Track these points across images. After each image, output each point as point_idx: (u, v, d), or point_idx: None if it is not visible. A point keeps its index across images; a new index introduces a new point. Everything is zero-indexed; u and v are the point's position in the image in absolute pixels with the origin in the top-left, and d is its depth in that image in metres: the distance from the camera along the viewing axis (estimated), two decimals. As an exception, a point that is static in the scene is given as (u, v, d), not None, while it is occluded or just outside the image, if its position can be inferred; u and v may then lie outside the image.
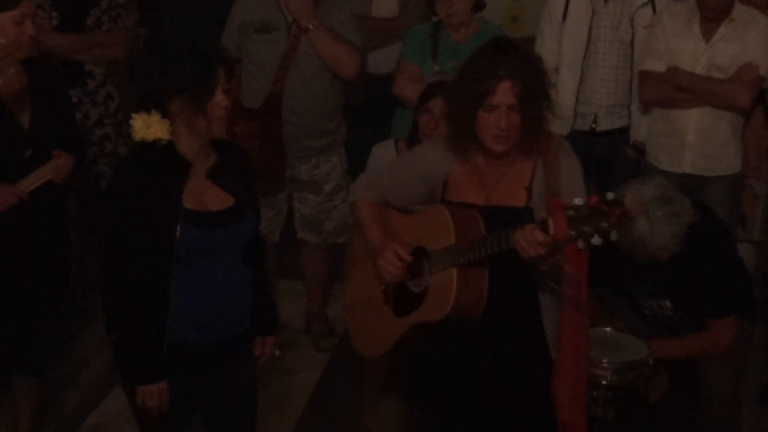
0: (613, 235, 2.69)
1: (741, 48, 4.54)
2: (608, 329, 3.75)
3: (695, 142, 4.64)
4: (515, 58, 3.04)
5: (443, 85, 4.44)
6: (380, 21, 5.39)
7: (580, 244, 2.75)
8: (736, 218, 4.77)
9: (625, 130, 4.93)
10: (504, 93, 3.02)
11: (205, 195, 3.17)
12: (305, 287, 5.22)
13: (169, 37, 5.08)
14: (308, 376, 4.85)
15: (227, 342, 3.27)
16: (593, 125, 4.92)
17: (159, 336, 3.14)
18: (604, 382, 3.53)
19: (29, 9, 3.77)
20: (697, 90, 4.57)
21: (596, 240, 2.71)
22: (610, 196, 2.70)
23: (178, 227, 3.07)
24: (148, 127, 3.07)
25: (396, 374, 4.05)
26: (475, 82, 3.06)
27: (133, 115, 3.09)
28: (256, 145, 4.61)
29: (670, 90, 4.61)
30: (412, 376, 3.46)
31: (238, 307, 3.27)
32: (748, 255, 4.67)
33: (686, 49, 4.59)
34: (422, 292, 3.20)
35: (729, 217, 4.51)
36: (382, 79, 5.23)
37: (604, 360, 3.53)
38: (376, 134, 5.05)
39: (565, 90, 4.89)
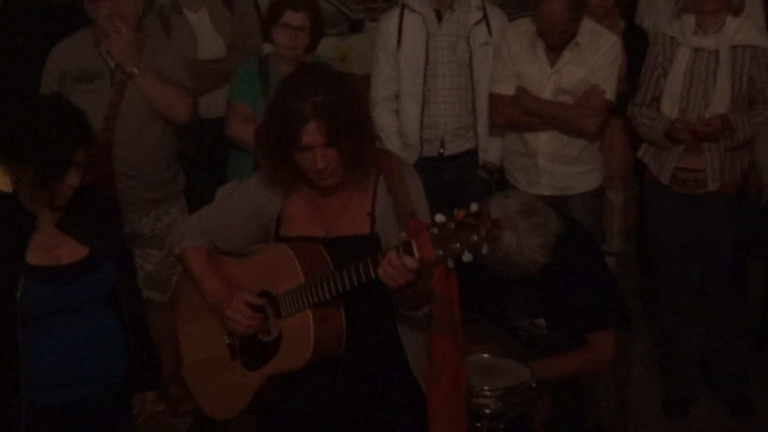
0: (484, 249, 2.53)
1: (587, 71, 4.52)
2: (485, 355, 3.58)
3: (548, 165, 4.60)
4: (319, 91, 2.81)
5: None
6: (208, 63, 5.17)
7: (450, 263, 2.56)
8: (599, 231, 4.72)
9: (473, 152, 4.83)
10: (312, 134, 2.81)
11: (55, 248, 2.96)
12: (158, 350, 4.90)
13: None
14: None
15: (96, 400, 3.04)
16: (441, 150, 4.79)
17: (14, 399, 2.91)
18: (487, 411, 3.35)
19: None
20: (544, 115, 4.53)
21: (467, 256, 2.53)
22: (474, 207, 2.53)
23: (20, 286, 2.86)
24: None
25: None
26: (282, 127, 2.85)
27: None
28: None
29: (520, 114, 4.57)
30: (271, 424, 3.17)
31: (104, 362, 3.05)
32: (609, 267, 4.62)
33: (533, 73, 4.55)
34: (274, 340, 2.95)
35: (592, 229, 4.43)
36: (214, 123, 4.99)
37: (486, 387, 3.36)
38: (215, 180, 4.81)
39: (408, 117, 4.78)
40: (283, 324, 2.91)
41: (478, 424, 3.34)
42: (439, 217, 2.55)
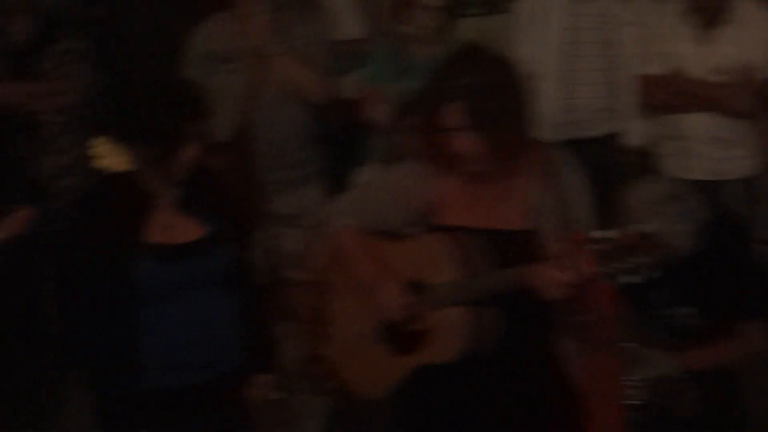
0: (648, 274, 2.46)
1: (741, 49, 4.34)
2: (632, 344, 3.47)
3: (701, 147, 4.42)
4: (470, 73, 2.77)
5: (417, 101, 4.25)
6: (346, 44, 5.15)
7: (608, 282, 2.51)
8: (751, 218, 4.47)
9: (616, 135, 4.70)
10: (453, 115, 2.77)
11: (173, 227, 2.96)
12: (297, 329, 4.94)
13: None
14: (312, 423, 4.54)
15: (211, 383, 3.02)
16: (582, 133, 4.67)
17: (134, 381, 2.90)
18: (632, 402, 3.27)
19: None
20: (697, 95, 4.37)
21: (628, 278, 2.48)
22: (642, 228, 2.46)
23: (141, 263, 2.86)
24: (109, 156, 2.91)
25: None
26: (426, 104, 2.85)
27: (97, 140, 2.87)
28: (228, 181, 4.34)
29: (672, 95, 4.42)
30: (413, 414, 3.14)
31: (219, 344, 3.03)
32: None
33: (684, 51, 4.40)
34: (424, 330, 2.92)
35: (744, 217, 4.28)
36: (352, 104, 4.98)
37: (633, 377, 3.29)
38: (352, 161, 4.82)
39: (548, 98, 4.66)
40: (434, 315, 2.88)
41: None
42: (604, 233, 2.49)
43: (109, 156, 2.91)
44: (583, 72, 4.62)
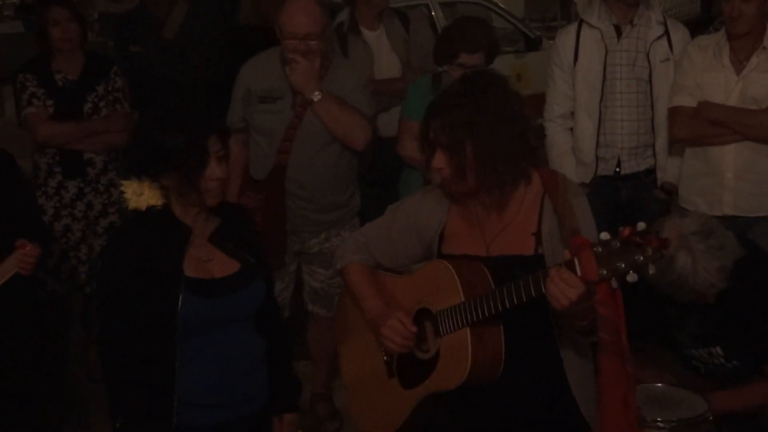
0: (651, 269, 2.44)
1: None
2: (659, 384, 3.40)
3: (734, 181, 4.33)
4: (459, 97, 2.80)
5: None
6: (383, 82, 5.19)
7: (614, 283, 2.49)
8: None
9: (651, 172, 4.66)
10: (433, 131, 2.83)
11: (208, 261, 2.94)
12: (311, 367, 4.93)
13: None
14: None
15: (242, 422, 2.98)
16: (617, 169, 4.64)
17: (167, 417, 2.86)
18: (660, 444, 3.20)
19: None
20: (732, 123, 4.28)
21: (631, 277, 2.45)
22: (641, 226, 2.46)
23: (180, 297, 2.83)
24: (140, 194, 2.85)
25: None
26: (423, 122, 2.89)
27: (123, 183, 2.88)
28: (257, 218, 4.33)
29: (703, 126, 4.32)
30: None
31: (251, 382, 3.00)
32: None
33: (717, 82, 4.32)
34: (432, 358, 2.91)
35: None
36: (390, 142, 4.99)
37: (659, 419, 3.18)
38: (387, 199, 4.81)
39: (584, 134, 4.67)
40: (441, 342, 2.87)
41: (650, 458, 3.19)
42: (604, 235, 2.48)
43: (141, 194, 2.87)
44: (618, 109, 4.59)
